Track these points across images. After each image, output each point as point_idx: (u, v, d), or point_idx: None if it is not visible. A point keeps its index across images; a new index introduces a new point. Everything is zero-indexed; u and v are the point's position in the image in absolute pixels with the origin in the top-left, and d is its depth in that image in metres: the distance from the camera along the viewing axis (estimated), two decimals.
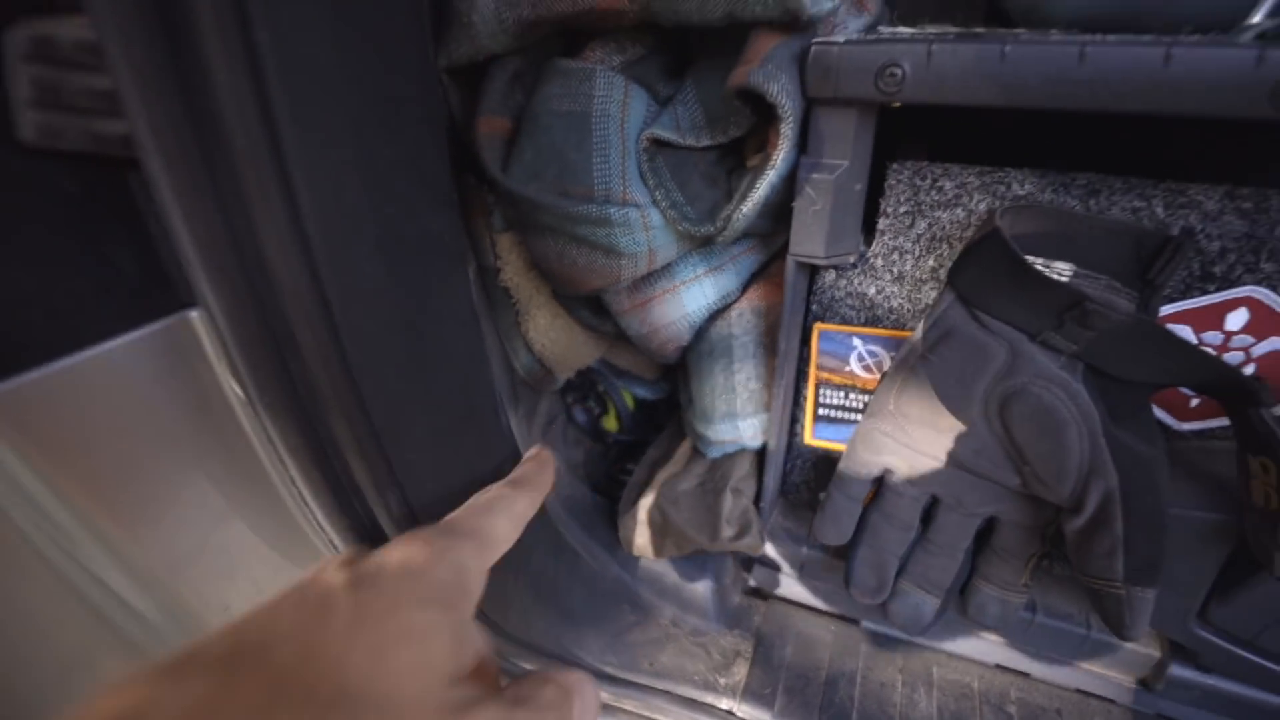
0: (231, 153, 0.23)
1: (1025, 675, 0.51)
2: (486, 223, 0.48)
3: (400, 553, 0.25)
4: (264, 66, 0.23)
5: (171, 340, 0.30)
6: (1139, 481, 0.37)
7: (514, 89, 0.42)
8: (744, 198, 0.38)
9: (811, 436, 0.51)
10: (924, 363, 0.41)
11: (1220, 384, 0.33)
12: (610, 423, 0.66)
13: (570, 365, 0.57)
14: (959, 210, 0.40)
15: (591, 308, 0.52)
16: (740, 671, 0.51)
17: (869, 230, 0.44)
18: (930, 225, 0.41)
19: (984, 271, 0.37)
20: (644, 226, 0.41)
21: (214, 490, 0.34)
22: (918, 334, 0.41)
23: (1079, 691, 0.50)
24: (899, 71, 0.33)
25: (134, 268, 0.29)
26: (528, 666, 0.46)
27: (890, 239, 0.42)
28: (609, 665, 0.50)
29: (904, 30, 0.37)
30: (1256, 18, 0.30)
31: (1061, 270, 0.38)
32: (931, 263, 0.42)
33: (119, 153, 0.24)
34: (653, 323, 0.47)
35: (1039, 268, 0.38)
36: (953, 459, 0.42)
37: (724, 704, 0.49)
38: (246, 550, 0.37)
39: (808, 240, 0.39)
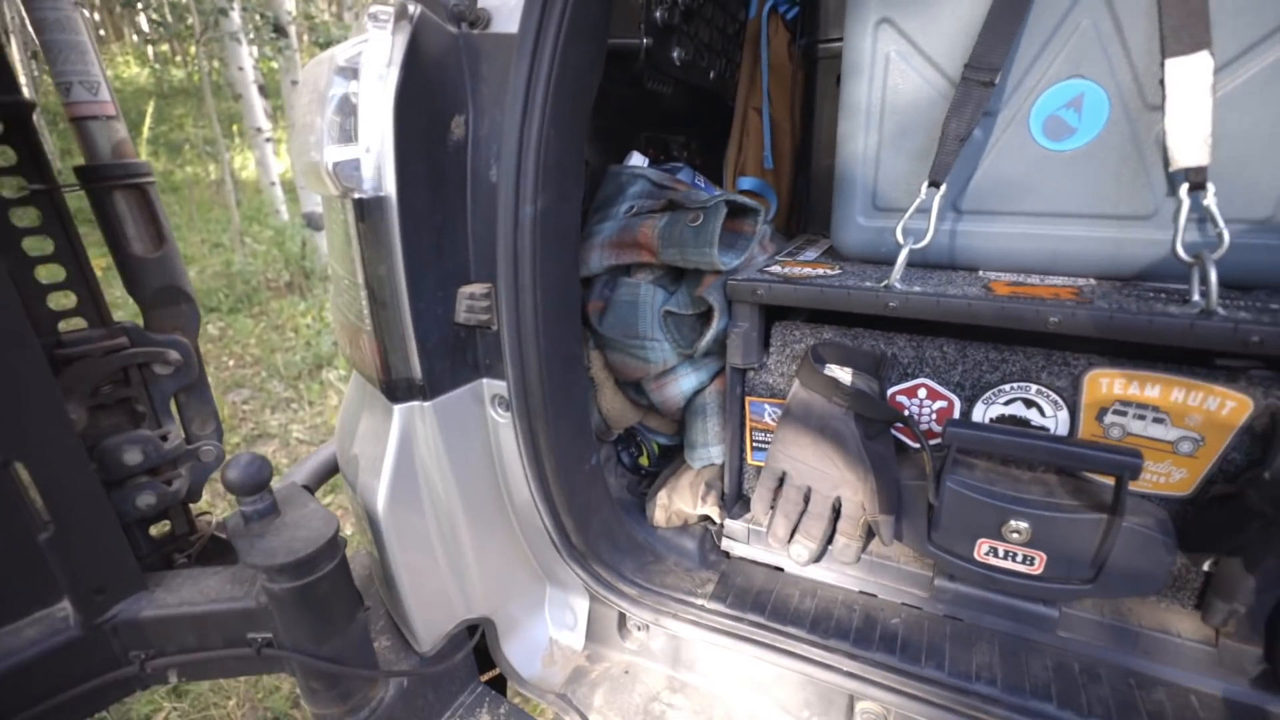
0: (525, 363, 0.74)
1: (873, 596, 0.91)
2: (586, 345, 0.99)
3: None
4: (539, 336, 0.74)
5: (475, 391, 0.80)
6: (880, 466, 0.81)
7: (605, 288, 0.95)
8: (702, 338, 0.87)
9: (751, 459, 0.97)
10: (789, 414, 0.87)
11: (897, 418, 0.79)
12: (644, 460, 1.12)
13: (621, 424, 1.05)
14: (801, 344, 0.88)
15: (635, 389, 1.00)
16: (709, 588, 0.92)
17: (768, 350, 0.92)
18: (791, 350, 0.89)
19: (806, 371, 0.85)
20: (660, 350, 0.90)
21: (484, 441, 0.83)
22: (787, 401, 0.88)
23: (902, 604, 0.89)
24: (761, 292, 0.82)
25: (473, 360, 0.79)
26: (598, 569, 0.90)
27: (775, 357, 0.90)
28: (638, 579, 0.92)
29: (775, 267, 0.88)
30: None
31: (846, 369, 0.85)
32: (793, 368, 0.89)
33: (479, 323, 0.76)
34: (664, 395, 0.95)
35: (830, 369, 0.85)
36: (809, 461, 0.87)
37: (699, 602, 0.90)
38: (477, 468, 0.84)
39: (735, 356, 0.88)
